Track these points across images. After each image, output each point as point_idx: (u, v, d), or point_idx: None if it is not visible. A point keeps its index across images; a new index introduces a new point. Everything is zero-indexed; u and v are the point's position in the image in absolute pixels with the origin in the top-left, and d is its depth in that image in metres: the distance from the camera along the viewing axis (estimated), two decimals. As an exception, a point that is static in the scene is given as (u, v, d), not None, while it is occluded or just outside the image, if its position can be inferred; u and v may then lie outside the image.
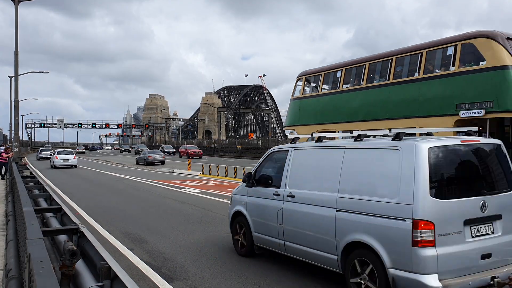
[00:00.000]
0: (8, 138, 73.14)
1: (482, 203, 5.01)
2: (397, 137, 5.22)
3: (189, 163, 31.26)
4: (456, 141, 5.33)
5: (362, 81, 13.39)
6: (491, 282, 4.76)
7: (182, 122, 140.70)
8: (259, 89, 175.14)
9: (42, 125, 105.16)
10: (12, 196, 9.44)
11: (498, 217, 5.18)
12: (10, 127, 60.41)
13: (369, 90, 13.04)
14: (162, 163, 39.74)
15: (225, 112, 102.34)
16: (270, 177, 7.11)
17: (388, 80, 12.54)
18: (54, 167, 35.59)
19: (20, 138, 40.24)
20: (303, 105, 16.04)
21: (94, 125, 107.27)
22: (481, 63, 10.40)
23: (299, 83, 16.62)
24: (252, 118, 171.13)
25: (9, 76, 50.39)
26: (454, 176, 5.17)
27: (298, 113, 16.18)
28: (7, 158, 23.96)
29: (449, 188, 5.03)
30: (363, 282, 5.09)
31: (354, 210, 5.35)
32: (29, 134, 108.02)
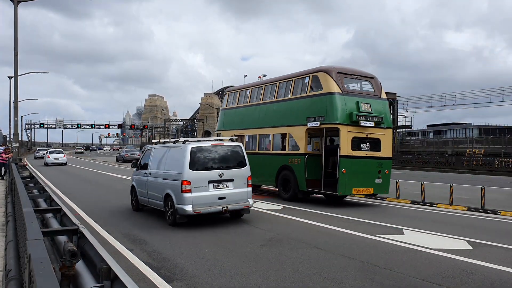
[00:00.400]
0: (8, 139, 73.12)
1: (219, 173, 10.39)
2: (184, 142, 10.84)
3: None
4: (208, 143, 10.78)
5: (260, 98, 17.65)
6: (221, 209, 10.28)
7: (182, 123, 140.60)
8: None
9: (42, 125, 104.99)
10: (12, 196, 9.43)
11: (231, 180, 10.57)
12: (10, 128, 60.46)
13: (264, 105, 17.29)
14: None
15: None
16: (145, 164, 12.43)
17: (273, 98, 16.81)
18: (46, 164, 40.97)
19: (20, 139, 40.37)
20: (226, 114, 19.99)
21: (93, 126, 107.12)
22: (321, 90, 14.26)
23: (225, 97, 20.58)
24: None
25: (8, 77, 50.33)
26: (204, 160, 10.41)
27: (223, 121, 20.02)
28: (7, 159, 23.94)
29: (200, 166, 10.26)
30: (169, 210, 10.51)
31: (167, 178, 10.83)
32: (29, 134, 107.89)
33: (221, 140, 11.43)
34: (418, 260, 7.27)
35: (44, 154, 48.48)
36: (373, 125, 13.92)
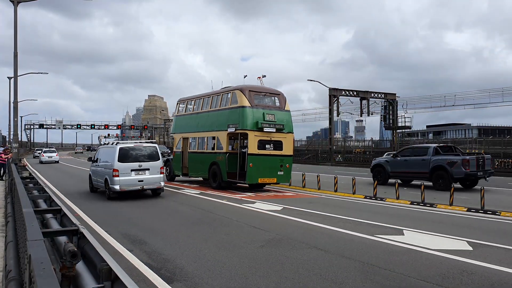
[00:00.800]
0: (8, 139, 73.06)
1: (139, 165, 15.81)
2: (116, 143, 16.67)
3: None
4: (132, 144, 16.67)
5: (200, 108, 21.78)
6: (139, 188, 15.78)
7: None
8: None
9: (41, 126, 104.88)
10: (12, 197, 9.41)
11: (147, 169, 15.93)
12: (9, 128, 60.39)
13: (202, 114, 21.43)
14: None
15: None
16: (97, 159, 17.70)
17: (208, 108, 20.88)
18: (41, 162, 48.13)
19: (19, 139, 40.31)
20: (177, 120, 24.18)
21: (93, 126, 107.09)
22: (237, 104, 18.39)
23: (177, 106, 24.75)
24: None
25: (8, 77, 50.28)
26: (128, 155, 15.80)
27: (175, 126, 24.38)
28: (6, 159, 23.91)
29: (125, 159, 15.64)
30: (107, 189, 16.09)
31: (106, 168, 16.29)
32: (28, 135, 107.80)
33: (140, 142, 17.59)
34: (418, 261, 7.26)
35: (39, 153, 57.18)
36: (275, 130, 18.18)
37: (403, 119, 52.59)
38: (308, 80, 51.54)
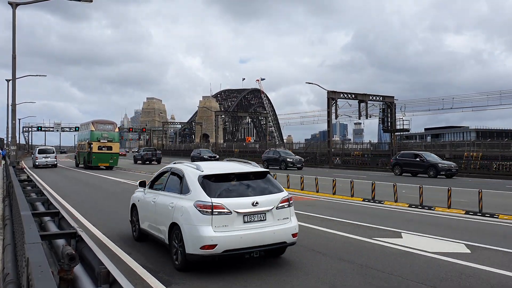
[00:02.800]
0: (5, 142, 72.94)
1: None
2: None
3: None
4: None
5: (86, 129, 43.08)
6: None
7: (180, 126, 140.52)
8: (256, 93, 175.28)
9: (39, 128, 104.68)
10: (10, 200, 9.39)
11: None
12: (7, 131, 60.28)
13: (83, 132, 45.24)
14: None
15: (223, 116, 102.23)
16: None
17: (83, 130, 45.56)
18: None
19: (17, 142, 40.19)
20: (81, 134, 47.46)
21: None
22: (90, 129, 40.79)
23: (83, 125, 47.05)
24: (249, 121, 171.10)
25: (6, 80, 50.16)
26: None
27: (82, 136, 45.08)
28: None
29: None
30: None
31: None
32: (26, 137, 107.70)
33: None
34: (416, 264, 7.27)
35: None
36: (106, 141, 39.16)
37: (401, 122, 52.69)
38: (306, 83, 51.97)
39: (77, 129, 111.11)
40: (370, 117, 52.68)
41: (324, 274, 6.68)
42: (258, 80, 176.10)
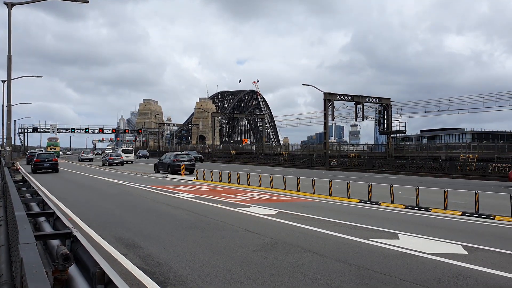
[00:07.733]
0: (0, 143, 72.66)
1: None
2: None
3: (183, 168, 31.19)
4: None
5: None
6: None
7: (176, 127, 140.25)
8: (253, 95, 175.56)
9: (35, 129, 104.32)
10: (4, 200, 9.31)
11: None
12: (2, 132, 60.06)
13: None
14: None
15: (219, 118, 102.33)
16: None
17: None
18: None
19: (13, 143, 40.02)
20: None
21: (87, 130, 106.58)
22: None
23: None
24: (246, 123, 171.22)
25: (1, 81, 50.02)
26: None
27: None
28: None
29: None
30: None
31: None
32: (22, 139, 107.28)
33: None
34: (413, 265, 7.26)
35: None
36: (53, 146, 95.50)
37: (397, 124, 52.84)
38: (303, 84, 51.74)
39: (73, 130, 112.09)
40: (366, 118, 52.90)
41: (320, 275, 6.65)
42: (254, 81, 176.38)
